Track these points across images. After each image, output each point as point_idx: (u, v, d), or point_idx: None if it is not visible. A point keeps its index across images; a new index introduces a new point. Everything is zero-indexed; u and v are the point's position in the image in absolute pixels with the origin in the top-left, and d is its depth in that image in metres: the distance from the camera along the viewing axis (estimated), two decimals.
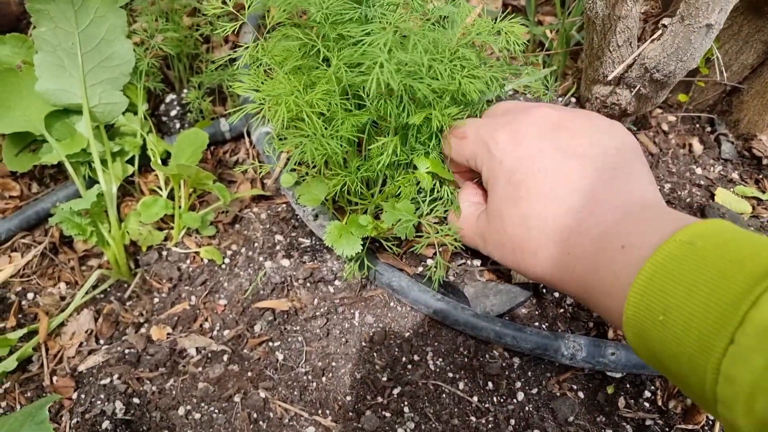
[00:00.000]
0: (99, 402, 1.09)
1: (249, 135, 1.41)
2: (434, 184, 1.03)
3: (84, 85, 1.23)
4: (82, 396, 1.11)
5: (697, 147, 1.42)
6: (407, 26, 0.93)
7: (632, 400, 1.08)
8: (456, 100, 0.95)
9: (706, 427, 1.05)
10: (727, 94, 1.44)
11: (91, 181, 1.29)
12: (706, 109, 1.47)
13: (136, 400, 1.09)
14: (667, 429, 1.05)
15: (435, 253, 1.18)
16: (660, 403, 1.07)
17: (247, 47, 0.99)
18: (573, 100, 1.41)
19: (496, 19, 0.99)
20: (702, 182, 1.35)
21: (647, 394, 1.08)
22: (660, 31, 1.13)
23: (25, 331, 1.15)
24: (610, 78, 1.17)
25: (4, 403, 1.11)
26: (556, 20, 1.72)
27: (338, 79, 0.91)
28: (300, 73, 0.98)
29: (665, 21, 1.10)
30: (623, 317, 0.62)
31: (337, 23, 0.92)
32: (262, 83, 0.97)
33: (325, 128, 0.94)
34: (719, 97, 1.45)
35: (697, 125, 1.47)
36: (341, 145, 0.94)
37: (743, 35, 1.28)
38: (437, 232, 1.02)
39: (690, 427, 1.05)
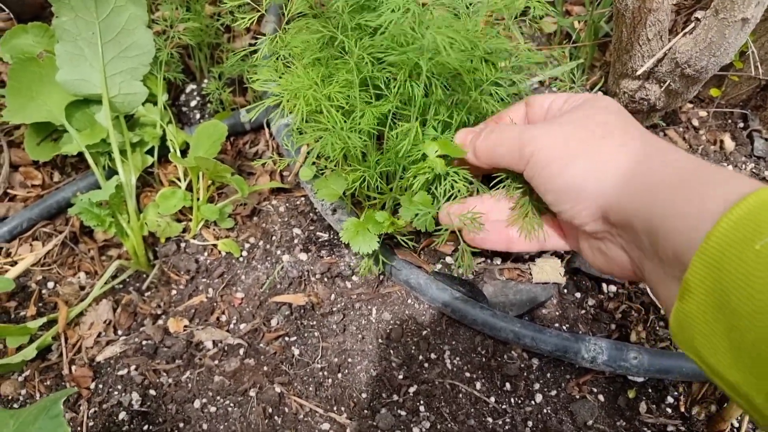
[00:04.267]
0: (116, 393, 1.10)
1: (269, 126, 1.40)
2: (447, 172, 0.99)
3: (104, 75, 1.22)
4: (100, 386, 1.12)
5: (729, 143, 1.37)
6: (418, 9, 0.90)
7: (654, 405, 1.05)
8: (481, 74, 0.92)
9: None
10: (762, 89, 1.39)
11: (110, 172, 1.29)
12: (738, 104, 1.42)
13: (152, 392, 1.10)
14: None
15: (455, 250, 1.16)
16: (683, 409, 1.04)
17: (266, 39, 0.98)
18: (600, 93, 1.37)
19: None
20: None
21: (670, 399, 1.05)
22: (692, 25, 1.09)
23: (45, 320, 1.16)
24: (639, 72, 1.14)
25: (24, 391, 1.12)
26: (584, 10, 1.67)
27: (359, 70, 0.89)
28: (318, 65, 0.96)
29: (698, 14, 1.05)
30: (701, 244, 0.51)
31: (355, 12, 0.89)
32: (281, 77, 0.96)
33: (345, 121, 0.92)
34: (753, 92, 1.40)
35: (729, 121, 1.42)
36: (361, 138, 0.92)
37: None
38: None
39: None
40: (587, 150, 0.70)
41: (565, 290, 1.14)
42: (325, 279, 1.18)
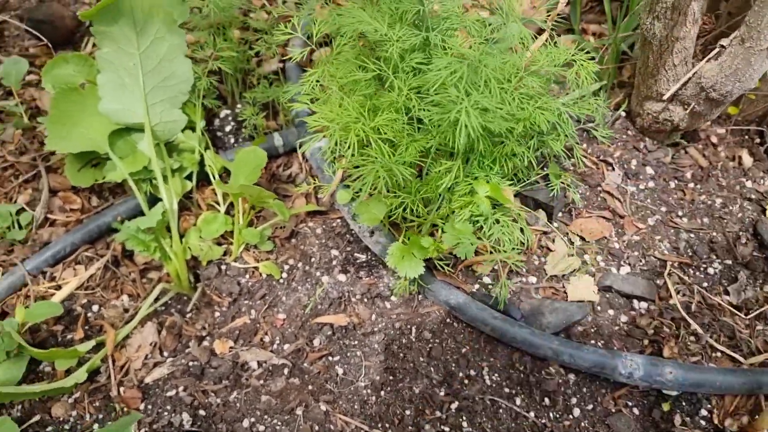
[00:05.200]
0: (166, 413, 1.14)
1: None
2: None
3: (145, 104, 1.26)
4: (149, 407, 1.15)
5: (747, 159, 1.42)
6: (471, 53, 0.94)
7: (688, 418, 1.09)
8: (526, 129, 0.97)
9: None
10: None
11: (151, 197, 1.33)
12: (755, 121, 1.47)
13: (202, 412, 1.13)
14: None
15: (493, 270, 1.20)
16: (716, 422, 1.08)
17: (313, 73, 1.02)
18: (623, 114, 1.41)
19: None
20: (753, 196, 1.36)
21: (703, 412, 1.09)
22: (716, 51, 1.13)
23: (93, 343, 1.19)
24: (665, 97, 1.18)
25: (74, 413, 1.15)
26: (599, 28, 1.72)
27: (406, 108, 0.93)
28: (363, 99, 1.01)
29: (724, 41, 1.10)
30: None
31: (405, 51, 0.94)
32: (323, 105, 1.00)
33: (392, 154, 0.96)
34: None
35: (747, 137, 1.47)
36: (407, 170, 0.96)
37: None
38: (498, 252, 1.04)
39: None
40: None
41: (599, 307, 1.19)
42: (365, 299, 1.22)
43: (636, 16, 1.43)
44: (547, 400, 1.11)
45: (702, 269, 1.26)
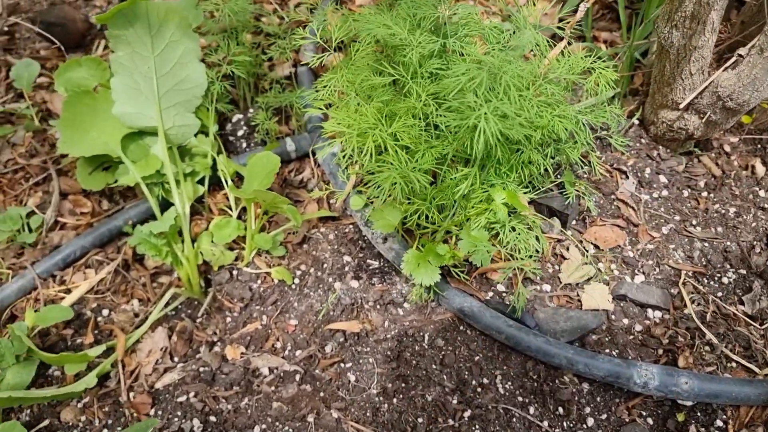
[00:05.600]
0: (176, 419, 1.13)
1: (314, 154, 1.43)
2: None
3: (159, 108, 1.26)
4: (159, 413, 1.14)
5: (760, 169, 1.41)
6: (490, 60, 0.94)
7: (703, 429, 1.08)
8: (544, 137, 0.97)
9: None
10: None
11: (163, 201, 1.32)
12: None
13: (212, 419, 1.12)
14: None
15: (508, 278, 1.20)
16: None
17: (331, 78, 1.02)
18: (636, 122, 1.41)
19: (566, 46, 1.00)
20: (766, 205, 1.35)
21: (719, 422, 1.09)
22: (733, 60, 1.13)
23: (104, 347, 1.19)
24: (682, 106, 1.18)
25: (83, 418, 1.15)
26: (611, 36, 1.72)
27: (424, 114, 0.93)
28: (382, 105, 1.00)
29: (741, 51, 1.10)
30: None
31: (423, 57, 0.93)
32: (339, 111, 1.00)
33: (409, 160, 0.96)
34: None
35: (759, 146, 1.46)
36: (424, 177, 0.96)
37: None
38: (515, 259, 1.04)
39: None
40: None
41: (613, 316, 1.18)
42: (378, 306, 1.22)
43: (650, 23, 1.43)
44: (560, 409, 1.10)
45: (716, 278, 1.25)
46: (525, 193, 1.04)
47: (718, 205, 1.35)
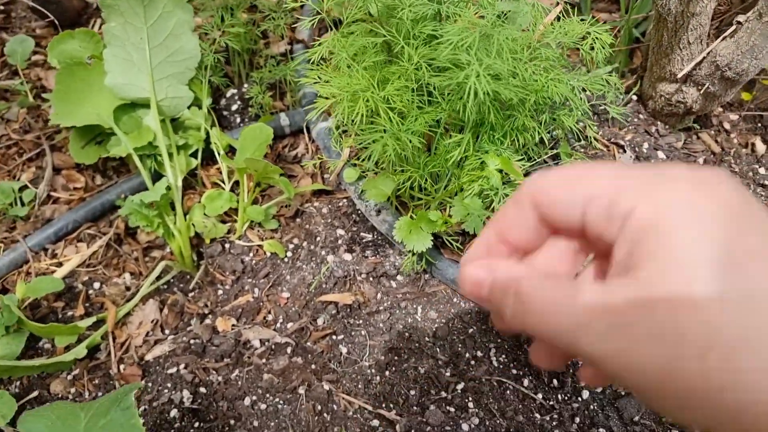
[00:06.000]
0: (166, 390, 1.12)
1: (308, 130, 1.42)
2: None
3: (152, 80, 1.25)
4: (149, 384, 1.13)
5: (760, 146, 1.40)
6: (483, 23, 0.93)
7: None
8: (538, 103, 0.95)
9: None
10: None
11: (155, 174, 1.31)
12: None
13: (202, 390, 1.11)
14: None
15: None
16: None
17: (321, 43, 1.00)
18: (634, 97, 1.39)
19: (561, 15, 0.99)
20: (766, 182, 1.33)
21: None
22: (733, 28, 1.11)
23: (94, 319, 1.18)
24: (680, 76, 1.16)
25: (73, 390, 1.14)
26: (609, 17, 1.70)
27: (416, 77, 0.91)
28: (372, 69, 0.99)
29: (740, 18, 1.08)
30: None
31: (417, 21, 0.92)
32: (332, 79, 0.98)
33: (401, 123, 0.94)
34: None
35: (760, 124, 1.44)
36: (417, 140, 0.95)
37: None
38: None
39: None
40: (707, 402, 0.37)
41: None
42: (371, 278, 1.20)
43: (648, 0, 1.41)
44: (555, 381, 1.08)
45: None
46: (519, 160, 1.02)
47: None
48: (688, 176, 0.36)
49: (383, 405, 1.08)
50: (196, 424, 1.07)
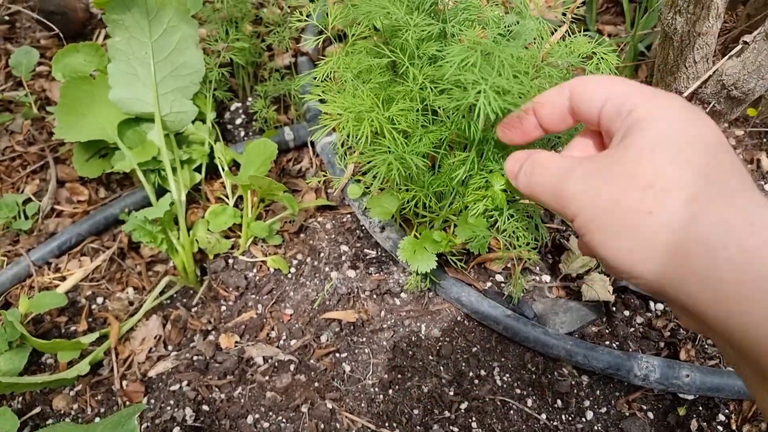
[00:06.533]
0: (169, 408, 1.11)
1: (313, 144, 1.42)
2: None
3: (156, 94, 1.25)
4: (152, 401, 1.13)
5: (766, 162, 1.39)
6: (486, 42, 0.92)
7: (705, 423, 1.06)
8: None
9: None
10: None
11: (159, 189, 1.31)
12: None
13: (205, 408, 1.11)
14: None
15: (506, 268, 1.17)
16: (734, 427, 1.05)
17: (326, 62, 1.00)
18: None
19: (561, 29, 0.98)
20: None
21: (721, 417, 1.06)
22: (739, 47, 1.11)
23: (97, 335, 1.17)
24: (685, 95, 1.16)
25: (75, 406, 1.13)
26: (615, 29, 1.70)
27: (421, 97, 0.91)
28: (377, 89, 0.98)
29: (746, 38, 1.08)
30: None
31: (421, 40, 0.91)
32: (337, 96, 0.98)
33: (406, 144, 0.94)
34: None
35: (765, 140, 1.44)
36: (422, 161, 0.94)
37: None
38: (513, 248, 1.02)
39: None
40: (630, 225, 0.52)
41: (614, 308, 1.16)
42: (375, 296, 1.20)
43: (654, 14, 1.41)
44: (559, 402, 1.08)
45: None
46: None
47: None
48: (683, 101, 0.51)
49: (386, 424, 1.07)
50: None
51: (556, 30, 0.99)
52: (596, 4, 1.63)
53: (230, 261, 1.27)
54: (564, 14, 1.08)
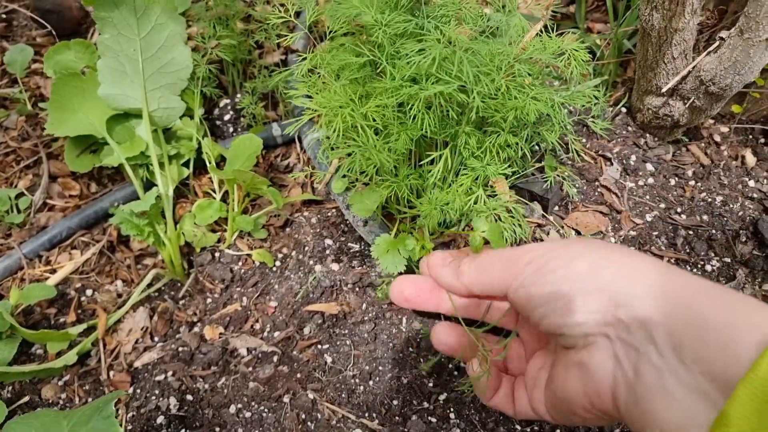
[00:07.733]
0: (154, 397, 1.13)
1: (300, 140, 1.44)
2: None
3: (144, 90, 1.27)
4: (138, 391, 1.15)
5: (750, 159, 1.40)
6: (461, 38, 0.94)
7: None
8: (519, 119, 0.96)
9: None
10: None
11: (148, 183, 1.33)
12: (760, 120, 1.45)
13: (189, 397, 1.13)
14: None
15: None
16: None
17: (305, 58, 1.02)
18: (624, 109, 1.40)
19: (544, 30, 1.00)
20: (755, 195, 1.33)
21: None
22: (716, 44, 1.12)
23: (85, 326, 1.20)
24: (664, 90, 1.17)
25: (63, 395, 1.16)
26: (605, 27, 1.71)
27: (397, 92, 0.93)
28: (354, 84, 1.00)
29: (723, 34, 1.08)
30: (747, 373, 0.42)
31: (396, 36, 0.93)
32: (317, 93, 1.00)
33: (377, 140, 0.96)
34: None
35: (750, 136, 1.44)
36: (393, 158, 0.96)
37: None
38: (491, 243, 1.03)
39: None
40: (598, 250, 0.57)
41: None
42: (357, 289, 1.22)
43: (638, 10, 1.42)
44: None
45: (699, 266, 1.24)
46: (502, 173, 1.03)
47: (705, 194, 1.33)
48: None
49: (366, 414, 1.09)
50: (182, 431, 1.09)
51: (548, 32, 1.00)
52: (585, 1, 1.64)
53: (216, 254, 1.30)
54: (554, 12, 1.09)
